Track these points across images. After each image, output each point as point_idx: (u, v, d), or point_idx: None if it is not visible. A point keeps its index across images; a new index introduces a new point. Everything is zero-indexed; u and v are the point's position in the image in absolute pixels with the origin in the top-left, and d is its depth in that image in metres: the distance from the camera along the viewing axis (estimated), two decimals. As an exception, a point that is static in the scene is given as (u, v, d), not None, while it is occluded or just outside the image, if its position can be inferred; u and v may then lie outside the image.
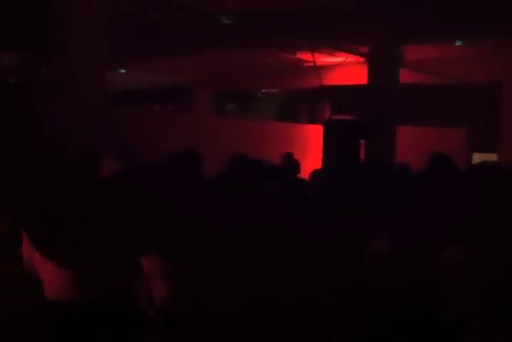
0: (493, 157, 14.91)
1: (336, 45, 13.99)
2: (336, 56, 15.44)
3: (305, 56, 15.18)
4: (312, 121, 17.71)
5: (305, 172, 10.60)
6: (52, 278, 3.01)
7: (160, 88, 18.69)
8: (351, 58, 15.37)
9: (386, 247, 4.32)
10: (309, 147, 14.92)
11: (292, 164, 10.28)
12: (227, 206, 4.57)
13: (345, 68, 16.56)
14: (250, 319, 3.69)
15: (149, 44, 13.56)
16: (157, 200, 3.85)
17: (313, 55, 14.26)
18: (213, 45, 13.97)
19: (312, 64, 14.68)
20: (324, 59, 15.44)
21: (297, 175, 9.49)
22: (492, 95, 16.26)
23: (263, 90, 20.36)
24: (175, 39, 13.13)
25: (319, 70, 14.78)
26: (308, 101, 19.50)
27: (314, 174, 9.33)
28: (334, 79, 16.74)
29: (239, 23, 11.80)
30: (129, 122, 12.34)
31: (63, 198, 3.15)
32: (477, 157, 15.79)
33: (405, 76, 13.91)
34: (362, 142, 12.49)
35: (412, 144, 13.97)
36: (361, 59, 14.56)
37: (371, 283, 3.88)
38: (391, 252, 4.26)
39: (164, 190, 4.34)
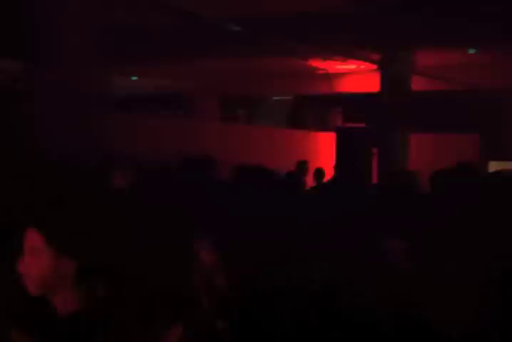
0: (510, 165, 14.78)
1: (347, 53, 13.93)
2: (348, 63, 15.38)
3: (317, 63, 15.13)
4: (324, 128, 17.65)
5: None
6: None
7: (170, 94, 18.69)
8: (364, 65, 15.30)
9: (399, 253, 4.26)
10: (321, 155, 14.86)
11: (306, 172, 10.27)
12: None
13: (357, 75, 16.50)
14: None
15: (160, 50, 13.54)
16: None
17: (325, 62, 14.22)
18: (224, 52, 13.95)
19: (324, 71, 14.64)
20: (336, 66, 15.39)
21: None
22: (508, 101, 16.16)
23: (274, 97, 20.33)
24: (185, 45, 13.11)
25: (331, 77, 14.72)
26: (320, 108, 19.44)
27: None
28: (346, 86, 16.69)
29: (251, 30, 11.76)
30: (137, 129, 12.33)
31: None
32: (494, 166, 15.66)
33: (417, 83, 13.84)
34: (375, 150, 12.42)
35: (424, 152, 13.89)
36: (374, 66, 14.50)
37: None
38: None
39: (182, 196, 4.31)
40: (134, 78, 17.74)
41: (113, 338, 2.26)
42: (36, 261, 2.26)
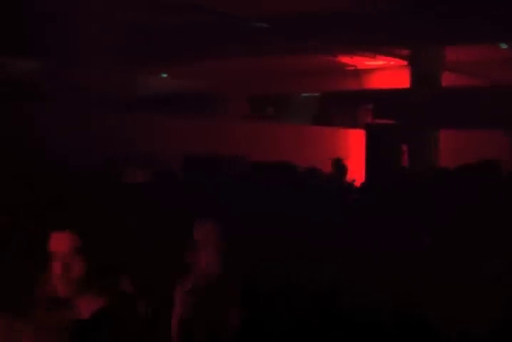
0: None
1: (377, 49, 13.84)
2: (377, 59, 15.27)
3: (346, 59, 15.04)
4: (353, 125, 17.55)
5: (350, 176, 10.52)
6: None
7: (198, 92, 18.69)
8: (393, 61, 15.18)
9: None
10: (351, 152, 14.77)
11: (342, 169, 10.21)
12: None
13: (387, 72, 16.37)
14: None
15: (189, 49, 13.55)
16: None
17: (354, 59, 14.13)
18: (253, 50, 13.91)
19: (353, 67, 14.55)
20: (365, 62, 15.29)
21: (346, 180, 9.44)
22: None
23: (304, 94, 20.25)
24: (213, 44, 13.10)
25: (361, 73, 14.63)
26: (349, 105, 19.33)
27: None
28: (375, 83, 16.57)
29: (279, 27, 11.73)
30: (164, 129, 12.34)
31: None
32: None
33: (448, 79, 13.70)
34: (404, 147, 12.32)
35: (451, 148, 13.74)
36: (403, 62, 14.38)
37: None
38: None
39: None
40: (164, 76, 17.79)
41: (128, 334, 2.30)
42: (68, 263, 2.30)
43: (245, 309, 3.36)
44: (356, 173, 11.31)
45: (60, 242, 2.31)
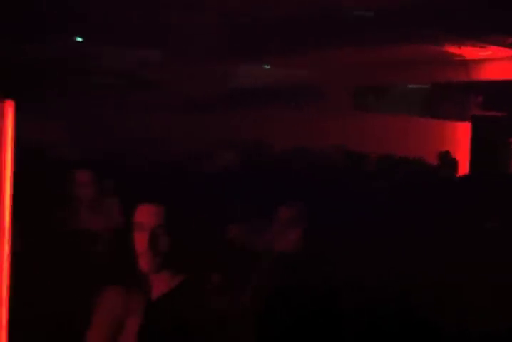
0: None
1: (486, 38, 13.43)
2: (486, 50, 14.83)
3: (454, 50, 14.68)
4: (459, 117, 17.15)
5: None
6: None
7: (299, 83, 18.66)
8: (503, 52, 14.71)
9: None
10: (458, 144, 14.45)
11: (450, 162, 10.04)
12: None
13: (495, 62, 15.88)
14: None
15: (292, 39, 13.53)
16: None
17: (462, 49, 13.77)
18: (357, 40, 13.77)
19: (461, 58, 14.19)
20: (472, 52, 14.88)
21: (455, 174, 9.29)
22: None
23: (410, 85, 19.92)
24: (319, 34, 13.03)
25: (467, 64, 14.26)
26: (455, 97, 18.89)
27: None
28: (483, 73, 16.12)
29: (383, 17, 11.56)
30: (271, 119, 12.39)
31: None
32: None
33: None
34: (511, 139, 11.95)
35: None
36: (512, 52, 13.93)
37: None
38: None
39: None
40: (267, 67, 17.85)
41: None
42: (154, 236, 2.28)
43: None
44: (462, 167, 11.06)
45: (147, 214, 2.30)
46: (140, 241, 2.29)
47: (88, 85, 13.04)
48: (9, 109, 1.65)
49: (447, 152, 10.67)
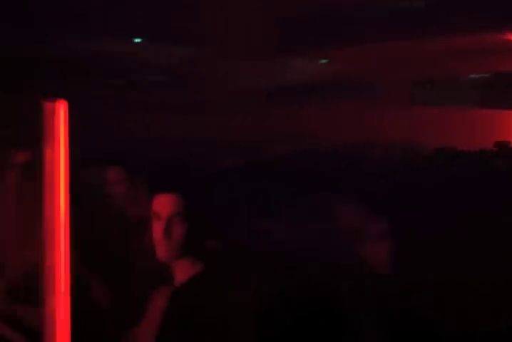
0: None
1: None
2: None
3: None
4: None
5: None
6: None
7: (358, 77, 18.49)
8: None
9: None
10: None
11: (509, 153, 9.76)
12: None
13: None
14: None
15: (348, 32, 13.38)
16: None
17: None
18: (413, 31, 13.55)
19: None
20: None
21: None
22: None
23: (471, 75, 19.55)
24: (375, 26, 12.85)
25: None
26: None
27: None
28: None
29: (441, 6, 11.32)
30: (330, 114, 12.22)
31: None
32: None
33: None
34: None
35: None
36: None
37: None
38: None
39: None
40: (323, 61, 17.74)
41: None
42: (171, 225, 2.32)
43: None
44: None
45: (164, 204, 2.33)
46: (157, 230, 2.33)
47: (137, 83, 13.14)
48: (61, 109, 1.49)
49: (506, 143, 10.46)
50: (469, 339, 3.09)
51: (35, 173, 1.52)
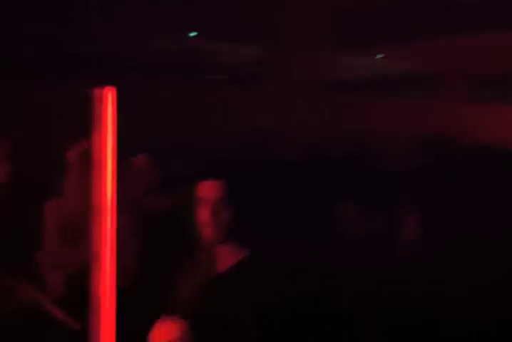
0: None
1: None
2: None
3: None
4: None
5: None
6: None
7: (414, 73, 18.33)
8: None
9: None
10: None
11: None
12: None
13: None
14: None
15: (405, 28, 13.28)
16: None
17: None
18: (470, 27, 13.40)
19: None
20: None
21: None
22: None
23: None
24: (431, 21, 12.73)
25: None
26: None
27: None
28: None
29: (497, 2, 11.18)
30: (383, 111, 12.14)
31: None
32: None
33: None
34: None
35: None
36: None
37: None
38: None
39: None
40: (379, 56, 17.64)
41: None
42: (216, 209, 2.35)
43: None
44: None
45: (209, 189, 2.37)
46: (204, 214, 2.36)
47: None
48: (109, 95, 1.51)
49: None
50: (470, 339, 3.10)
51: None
